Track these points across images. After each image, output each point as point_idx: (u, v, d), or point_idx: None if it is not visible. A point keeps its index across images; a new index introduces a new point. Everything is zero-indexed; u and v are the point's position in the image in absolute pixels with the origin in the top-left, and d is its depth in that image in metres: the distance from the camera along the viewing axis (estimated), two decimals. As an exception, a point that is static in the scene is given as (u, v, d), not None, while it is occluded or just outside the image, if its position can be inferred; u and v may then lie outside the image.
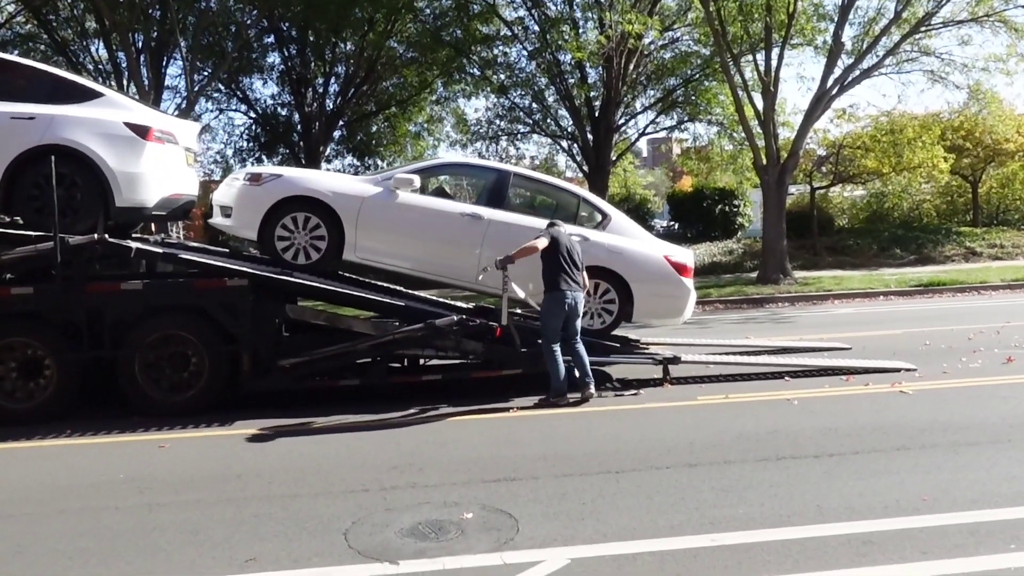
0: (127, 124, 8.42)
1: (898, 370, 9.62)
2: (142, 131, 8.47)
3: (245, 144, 28.74)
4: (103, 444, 7.44)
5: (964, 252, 26.52)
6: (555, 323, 8.45)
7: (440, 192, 9.75)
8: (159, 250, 8.75)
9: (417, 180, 9.06)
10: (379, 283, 10.10)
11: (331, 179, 9.40)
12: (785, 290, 20.32)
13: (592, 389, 8.56)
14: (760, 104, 21.79)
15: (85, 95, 8.53)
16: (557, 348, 8.44)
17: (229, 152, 28.83)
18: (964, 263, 25.34)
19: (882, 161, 26.12)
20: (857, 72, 21.81)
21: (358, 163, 29.22)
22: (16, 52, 24.52)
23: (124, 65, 21.20)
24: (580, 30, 24.36)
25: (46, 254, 8.00)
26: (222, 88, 26.87)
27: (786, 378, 9.46)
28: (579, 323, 8.62)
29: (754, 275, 22.85)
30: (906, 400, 8.26)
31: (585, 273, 8.74)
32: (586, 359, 8.60)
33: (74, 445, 7.43)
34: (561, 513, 5.23)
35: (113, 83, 22.87)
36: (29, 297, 8.17)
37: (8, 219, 8.41)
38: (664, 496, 5.52)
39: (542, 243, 8.42)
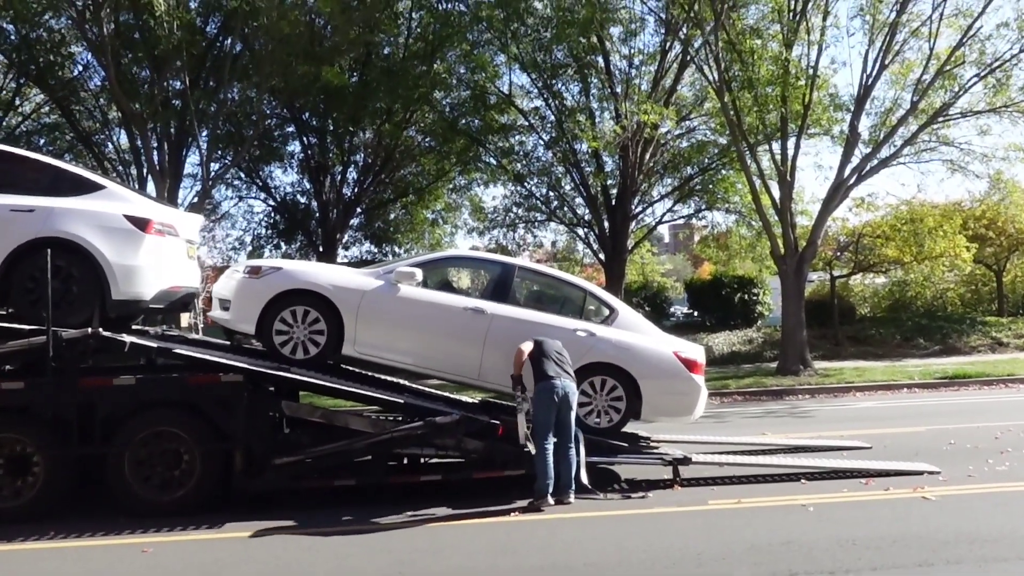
0: (127, 216, 8.35)
1: (921, 473, 9.17)
2: (141, 223, 8.40)
3: (264, 231, 28.91)
4: (84, 548, 7.13)
5: (990, 343, 25.98)
6: (546, 417, 8.13)
7: (445, 285, 9.57)
8: (153, 344, 8.56)
9: (419, 274, 8.86)
10: (380, 376, 9.83)
11: (331, 272, 9.22)
12: (805, 382, 19.90)
13: (571, 498, 8.15)
14: (777, 193, 21.68)
15: (86, 187, 8.49)
16: (549, 446, 8.08)
17: (247, 239, 28.94)
18: (990, 354, 24.79)
19: (903, 250, 25.85)
20: (875, 161, 21.71)
21: (375, 250, 29.25)
22: (42, 141, 25.11)
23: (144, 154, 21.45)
24: (596, 120, 24.44)
25: (39, 348, 7.86)
26: (242, 176, 27.14)
27: (802, 481, 9.04)
28: (573, 419, 8.28)
29: (774, 365, 22.42)
30: (929, 507, 7.83)
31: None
32: (574, 467, 8.24)
33: (55, 548, 7.12)
34: (552, 639, 4.86)
35: (133, 171, 23.15)
36: (20, 392, 7.99)
37: (3, 312, 8.31)
38: (665, 619, 5.14)
39: (527, 346, 8.31)
